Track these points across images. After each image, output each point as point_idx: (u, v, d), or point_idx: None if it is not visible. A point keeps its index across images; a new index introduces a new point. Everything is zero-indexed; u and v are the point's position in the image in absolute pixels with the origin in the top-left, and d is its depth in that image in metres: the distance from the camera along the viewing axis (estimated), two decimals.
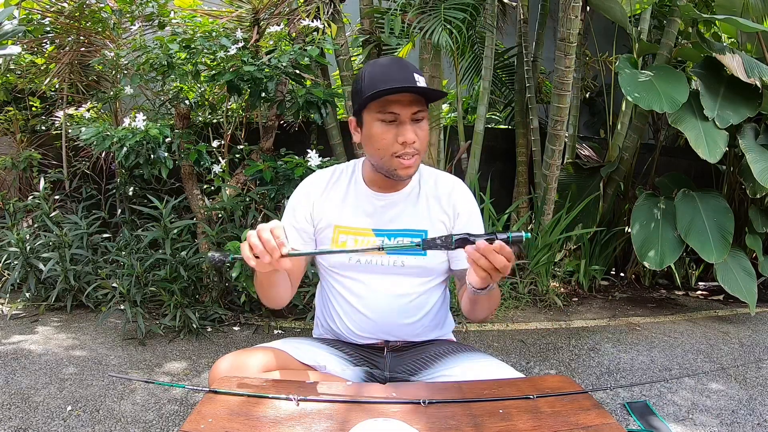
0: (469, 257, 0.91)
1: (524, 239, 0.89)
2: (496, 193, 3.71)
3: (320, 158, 2.65)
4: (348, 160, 1.33)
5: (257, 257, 0.91)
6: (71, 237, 2.85)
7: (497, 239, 0.90)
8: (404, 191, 1.20)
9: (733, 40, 4.05)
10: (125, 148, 2.51)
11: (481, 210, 1.32)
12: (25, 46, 3.15)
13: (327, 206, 1.21)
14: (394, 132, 1.09)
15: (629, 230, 3.39)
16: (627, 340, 2.77)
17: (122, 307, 2.60)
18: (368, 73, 1.10)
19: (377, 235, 1.18)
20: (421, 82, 1.07)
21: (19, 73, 3.34)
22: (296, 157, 2.74)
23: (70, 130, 3.17)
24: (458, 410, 0.85)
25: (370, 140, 1.12)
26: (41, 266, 2.78)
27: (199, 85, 2.93)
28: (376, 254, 1.18)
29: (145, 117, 2.61)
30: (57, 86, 3.36)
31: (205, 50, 2.58)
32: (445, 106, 4.44)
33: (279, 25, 2.70)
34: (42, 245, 2.87)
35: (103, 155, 3.29)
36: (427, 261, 1.18)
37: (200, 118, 3.31)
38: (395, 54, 3.32)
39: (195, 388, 0.94)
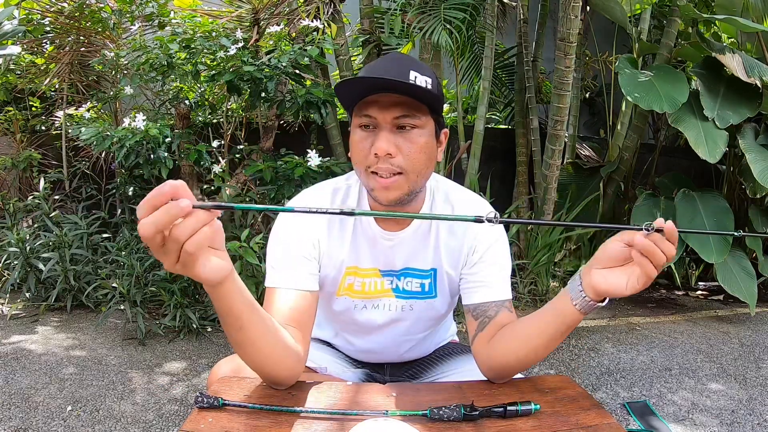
0: (642, 251, 0.71)
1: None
2: (496, 193, 3.71)
3: (320, 158, 2.65)
4: (348, 161, 1.25)
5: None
6: (71, 237, 2.85)
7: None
8: (412, 226, 1.00)
9: (733, 40, 4.05)
10: (125, 148, 2.51)
11: None
12: (25, 46, 3.15)
13: (333, 242, 1.00)
14: (370, 140, 0.87)
15: None
16: (627, 340, 2.77)
17: (122, 307, 2.60)
18: (361, 72, 0.91)
19: (384, 275, 1.03)
20: (420, 81, 0.85)
21: (19, 73, 3.34)
22: (296, 157, 2.74)
23: (70, 130, 3.16)
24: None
25: (351, 151, 0.91)
26: (41, 266, 2.78)
27: (199, 85, 2.92)
28: (384, 298, 1.04)
29: (145, 117, 2.61)
30: (57, 86, 3.36)
31: (205, 50, 2.58)
32: (445, 106, 4.44)
33: (279, 25, 2.70)
34: (42, 245, 2.87)
35: (103, 155, 3.29)
36: (436, 302, 1.05)
37: (200, 118, 3.31)
38: None
39: None
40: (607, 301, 0.79)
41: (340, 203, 1.00)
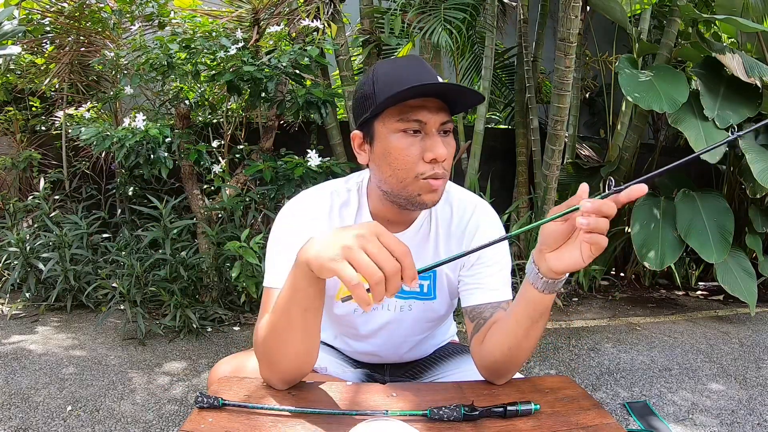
0: (587, 230, 0.68)
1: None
2: (496, 193, 3.71)
3: (320, 158, 2.66)
4: (348, 160, 1.23)
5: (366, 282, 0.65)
6: (71, 237, 2.86)
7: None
8: (414, 227, 1.00)
9: (733, 40, 4.05)
10: (125, 148, 2.51)
11: None
12: (25, 46, 3.15)
13: None
14: (420, 146, 0.87)
15: (629, 230, 3.39)
16: (627, 340, 2.77)
17: (122, 307, 2.60)
18: (382, 74, 0.89)
19: None
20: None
21: (19, 73, 3.34)
22: (296, 157, 2.75)
23: (70, 130, 3.16)
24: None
25: (386, 158, 0.88)
26: (41, 266, 2.78)
27: (199, 85, 2.93)
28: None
29: (145, 117, 2.61)
30: (57, 86, 3.36)
31: (205, 50, 2.58)
32: None
33: (279, 25, 2.70)
34: (42, 245, 2.87)
35: (103, 155, 3.29)
36: (435, 303, 1.05)
37: (200, 118, 3.31)
38: (395, 54, 3.33)
39: None
40: (567, 274, 0.79)
41: (339, 208, 1.00)
